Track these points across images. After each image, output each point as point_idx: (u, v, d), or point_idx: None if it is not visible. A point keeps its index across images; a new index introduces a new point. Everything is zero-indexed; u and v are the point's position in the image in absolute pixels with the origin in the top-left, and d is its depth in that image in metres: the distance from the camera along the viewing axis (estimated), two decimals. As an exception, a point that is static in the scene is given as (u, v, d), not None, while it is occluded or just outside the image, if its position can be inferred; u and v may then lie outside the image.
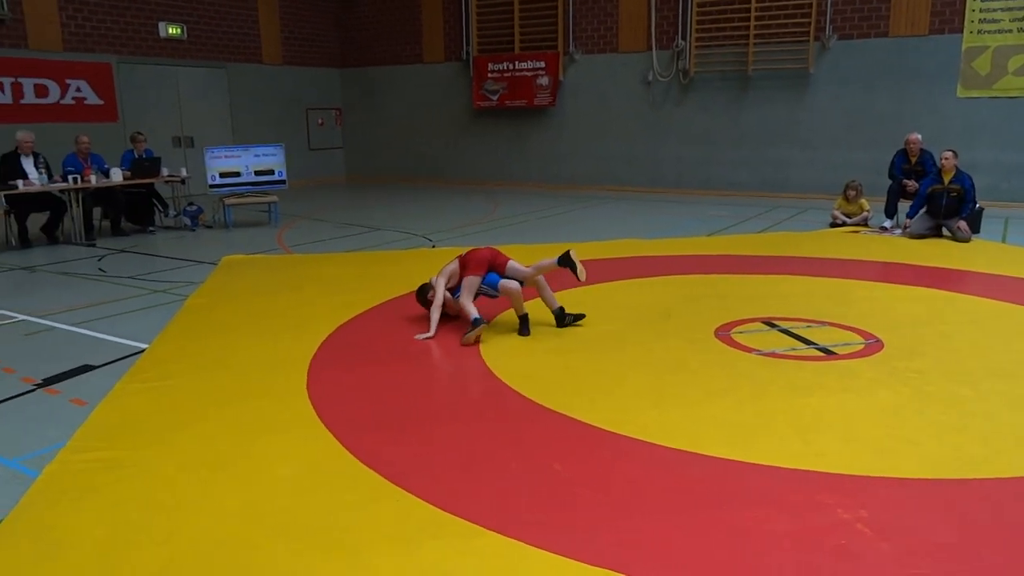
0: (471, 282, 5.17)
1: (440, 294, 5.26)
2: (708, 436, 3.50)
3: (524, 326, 5.19)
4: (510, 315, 5.37)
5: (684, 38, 13.54)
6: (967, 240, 8.43)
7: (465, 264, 5.29)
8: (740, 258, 7.76)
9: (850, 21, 12.33)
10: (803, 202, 12.37)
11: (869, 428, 3.61)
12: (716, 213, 11.31)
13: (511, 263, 5.32)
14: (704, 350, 4.78)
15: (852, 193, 9.85)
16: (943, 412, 3.79)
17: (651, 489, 3.03)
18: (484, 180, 16.12)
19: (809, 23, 12.46)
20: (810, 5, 12.41)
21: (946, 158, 8.71)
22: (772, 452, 3.33)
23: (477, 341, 4.95)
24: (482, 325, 4.97)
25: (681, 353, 4.73)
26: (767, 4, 12.78)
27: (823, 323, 5.35)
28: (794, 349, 4.80)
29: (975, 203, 8.73)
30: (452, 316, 5.35)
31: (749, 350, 4.76)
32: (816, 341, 4.94)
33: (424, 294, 5.41)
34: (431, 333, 5.14)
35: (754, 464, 3.22)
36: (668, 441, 3.43)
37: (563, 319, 5.32)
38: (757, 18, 12.86)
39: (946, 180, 8.70)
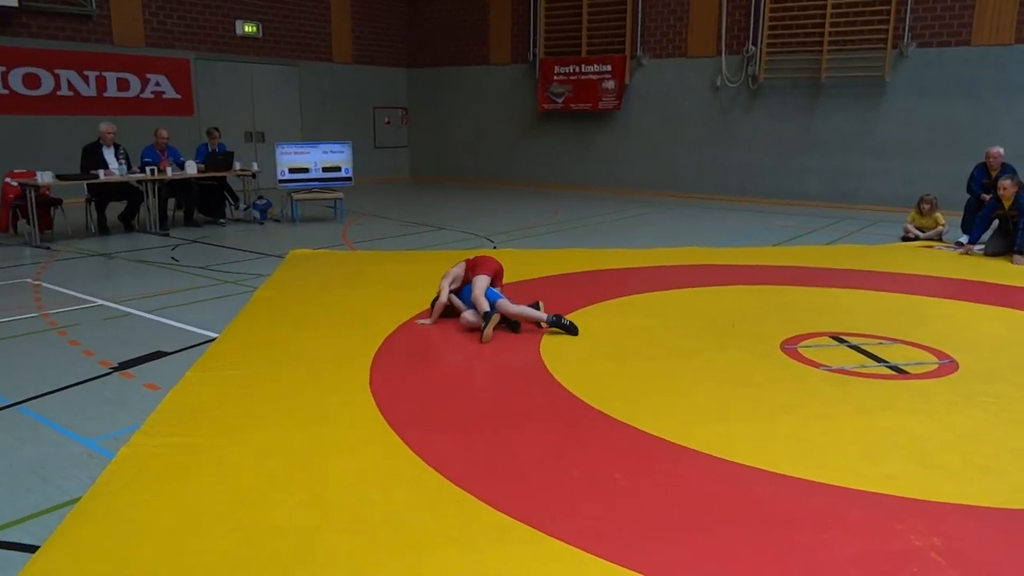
0: (482, 280, 5.38)
1: (444, 294, 5.48)
2: (775, 453, 3.42)
3: (517, 325, 5.32)
4: (575, 322, 5.34)
5: (755, 43, 13.31)
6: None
7: (474, 267, 5.54)
8: (807, 270, 7.59)
9: (930, 28, 11.95)
10: (874, 214, 12.04)
11: (943, 452, 3.48)
12: (783, 223, 11.08)
13: (504, 300, 5.39)
14: (770, 364, 4.69)
15: (926, 207, 9.54)
16: (1023, 439, 3.63)
17: (716, 505, 2.98)
18: (546, 183, 16.12)
19: (887, 30, 12.12)
20: (888, 12, 12.07)
21: (1004, 187, 8.38)
22: (841, 472, 3.24)
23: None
24: (495, 316, 5.12)
25: (746, 366, 4.64)
26: (843, 10, 12.48)
27: (894, 340, 5.19)
28: (864, 366, 4.67)
29: None
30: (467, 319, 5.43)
31: (817, 365, 4.65)
32: (887, 359, 4.80)
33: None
34: (430, 321, 5.46)
35: (822, 484, 3.14)
36: (733, 456, 3.37)
37: (559, 323, 5.28)
38: (832, 24, 12.56)
39: (1006, 206, 8.40)
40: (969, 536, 2.79)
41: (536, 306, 5.51)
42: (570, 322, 5.26)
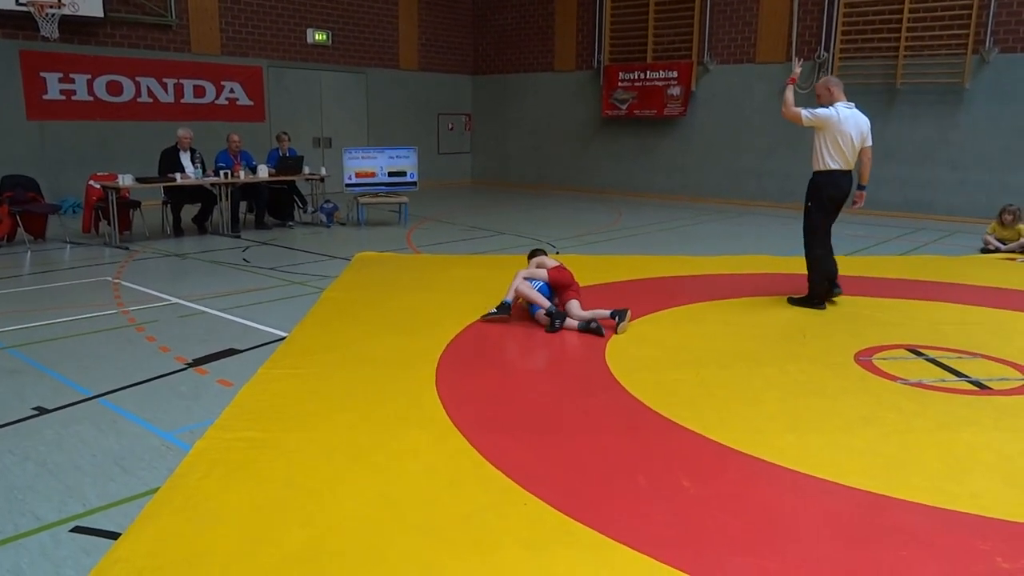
0: (538, 276, 5.65)
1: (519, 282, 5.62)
2: (849, 466, 3.32)
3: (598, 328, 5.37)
4: (636, 329, 5.29)
5: (827, 49, 13.00)
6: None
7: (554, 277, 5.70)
8: (881, 280, 7.36)
9: (1014, 33, 11.48)
10: (950, 225, 11.62)
11: (1031, 472, 3.33)
12: (853, 233, 10.77)
13: (574, 302, 5.59)
14: (843, 375, 4.55)
15: (1009, 218, 9.17)
16: (1119, 461, 3.44)
17: (788, 517, 2.91)
18: (608, 189, 16.04)
19: (967, 34, 11.69)
20: (969, 15, 11.64)
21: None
22: (920, 489, 3.12)
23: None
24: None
25: (819, 377, 4.52)
26: (921, 14, 12.09)
27: (975, 355, 4.98)
28: (943, 380, 4.50)
29: None
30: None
31: (893, 378, 4.49)
32: (968, 374, 4.61)
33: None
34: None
35: (900, 500, 3.03)
36: (806, 468, 3.28)
37: (589, 327, 5.38)
38: (909, 28, 12.19)
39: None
40: (1061, 560, 2.65)
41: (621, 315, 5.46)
42: (597, 325, 5.33)
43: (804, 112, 6.10)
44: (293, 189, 11.09)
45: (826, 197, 6.14)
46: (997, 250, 9.11)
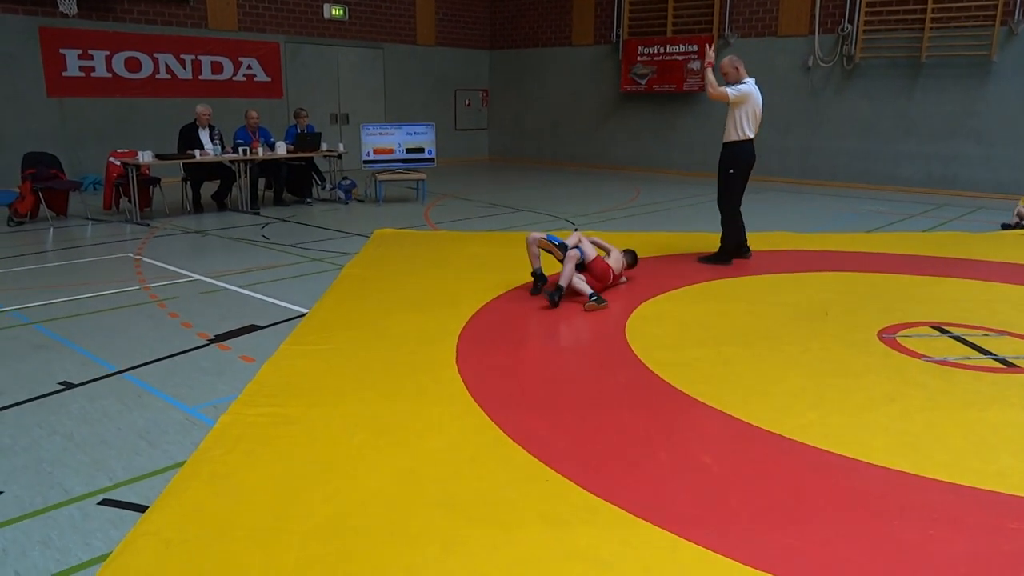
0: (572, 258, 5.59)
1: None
2: (874, 444, 3.29)
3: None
4: (655, 306, 5.27)
5: (851, 21, 12.77)
6: None
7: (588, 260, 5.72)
8: (905, 257, 7.27)
9: (1045, 4, 11.22)
10: (974, 201, 11.44)
11: (1059, 450, 3.29)
12: (875, 208, 10.64)
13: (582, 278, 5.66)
14: (867, 352, 4.51)
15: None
16: None
17: (812, 494, 2.89)
18: (627, 165, 15.93)
19: (995, 5, 11.43)
20: (998, -14, 11.38)
21: None
22: (946, 467, 3.09)
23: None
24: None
25: (842, 354, 4.48)
26: (948, -15, 11.83)
27: (1002, 332, 4.92)
28: (968, 358, 4.44)
29: None
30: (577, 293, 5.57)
31: (917, 356, 4.45)
32: (994, 351, 4.55)
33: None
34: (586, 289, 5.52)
35: (926, 478, 3.01)
36: (829, 445, 3.26)
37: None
38: (935, 0, 11.92)
39: None
40: (1090, 539, 2.62)
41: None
42: (598, 296, 5.41)
43: (730, 90, 6.62)
44: (311, 166, 11.08)
45: (744, 163, 6.76)
46: (1019, 225, 8.97)
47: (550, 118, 17.18)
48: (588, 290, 5.45)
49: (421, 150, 11.27)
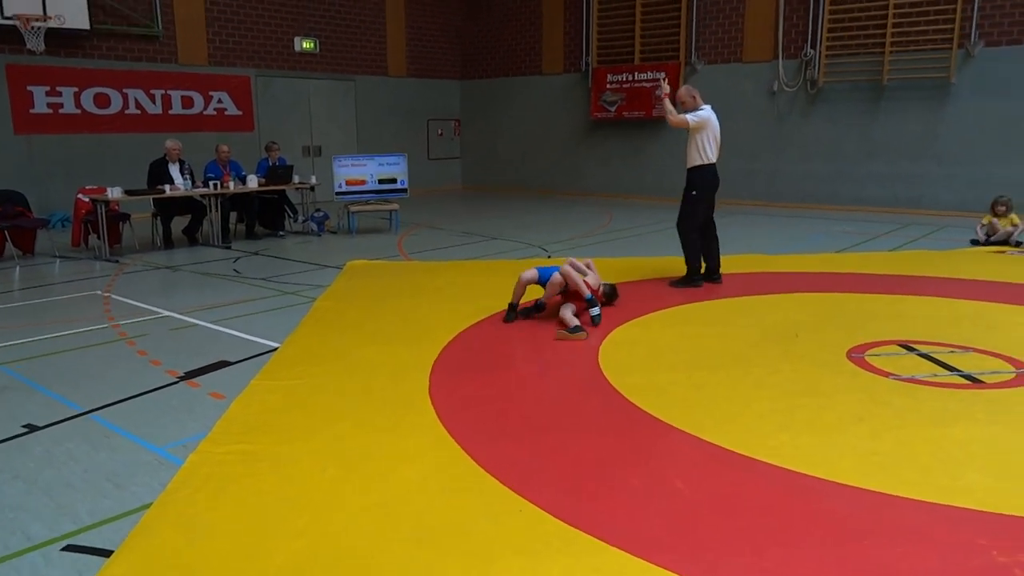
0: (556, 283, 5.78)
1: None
2: (844, 464, 3.32)
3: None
4: (628, 332, 5.30)
5: (814, 47, 13.06)
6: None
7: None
8: (872, 276, 7.38)
9: (999, 27, 11.55)
10: (939, 220, 11.66)
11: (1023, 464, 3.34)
12: (843, 229, 10.81)
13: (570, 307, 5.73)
14: (836, 372, 4.56)
15: (1002, 208, 9.27)
16: (1112, 452, 3.45)
17: (784, 517, 2.90)
18: (598, 192, 16.06)
19: (952, 29, 11.75)
20: (954, 10, 11.70)
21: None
22: (915, 485, 3.12)
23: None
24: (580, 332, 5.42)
25: (811, 375, 4.52)
26: (906, 10, 12.15)
27: (967, 348, 5.00)
28: (935, 375, 4.51)
29: None
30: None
31: (885, 374, 4.50)
32: (960, 368, 4.62)
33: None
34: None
35: (896, 496, 3.03)
36: (800, 467, 3.28)
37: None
38: (895, 24, 12.25)
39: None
40: (1056, 553, 2.65)
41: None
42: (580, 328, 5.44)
43: (689, 117, 6.90)
44: (283, 198, 11.05)
45: (709, 186, 7.02)
46: (987, 242, 9.16)
47: (522, 146, 17.31)
48: (573, 322, 5.42)
49: (394, 180, 11.29)
